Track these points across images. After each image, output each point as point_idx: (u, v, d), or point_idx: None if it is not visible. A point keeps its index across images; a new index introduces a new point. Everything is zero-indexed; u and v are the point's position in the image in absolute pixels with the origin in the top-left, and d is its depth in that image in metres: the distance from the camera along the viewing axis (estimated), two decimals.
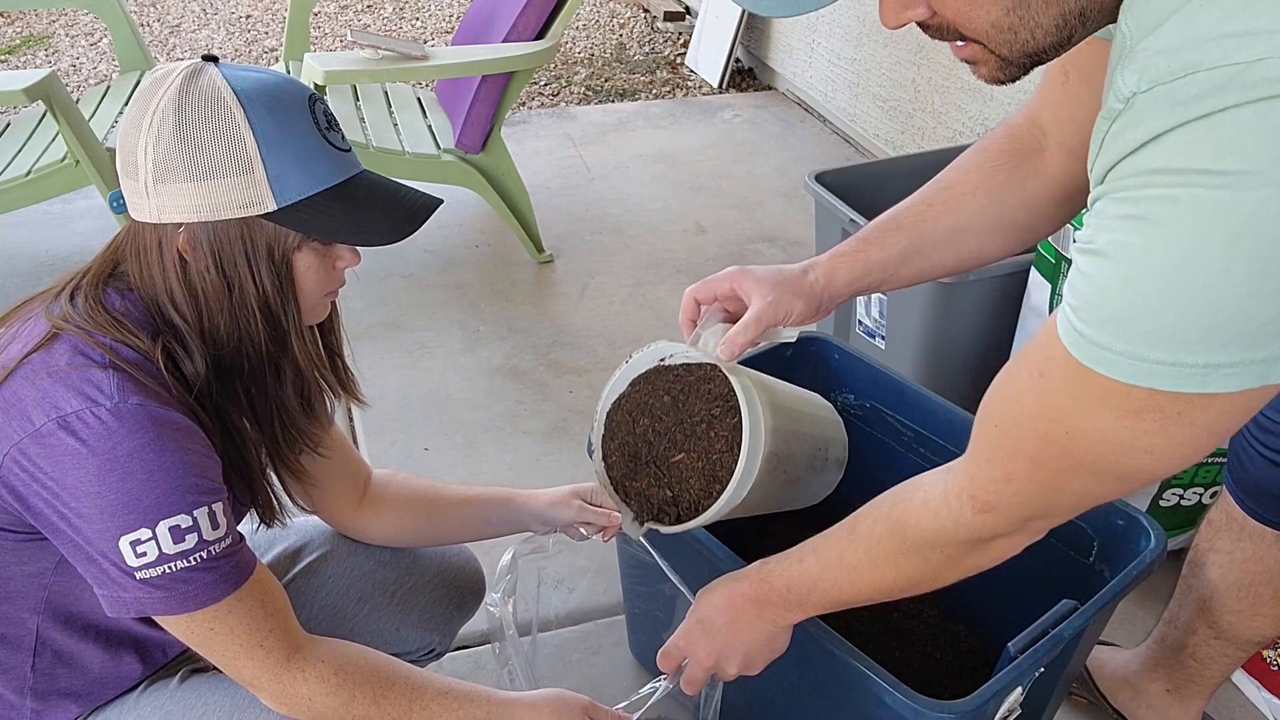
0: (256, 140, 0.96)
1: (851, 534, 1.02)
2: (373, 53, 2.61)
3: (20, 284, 2.78)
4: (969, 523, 0.88)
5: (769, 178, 3.50)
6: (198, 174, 0.95)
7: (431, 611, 1.39)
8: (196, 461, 0.97)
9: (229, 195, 0.97)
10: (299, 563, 1.36)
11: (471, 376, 2.49)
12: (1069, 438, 0.75)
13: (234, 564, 1.00)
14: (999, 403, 0.82)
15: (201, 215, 0.97)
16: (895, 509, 0.97)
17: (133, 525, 0.93)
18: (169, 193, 0.96)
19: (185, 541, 0.95)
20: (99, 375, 0.94)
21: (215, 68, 0.98)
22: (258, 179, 0.97)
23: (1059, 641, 1.16)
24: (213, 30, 4.69)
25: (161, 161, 0.95)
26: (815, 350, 1.68)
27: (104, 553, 0.94)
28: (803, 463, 1.23)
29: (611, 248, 3.07)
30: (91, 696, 1.12)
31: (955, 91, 3.05)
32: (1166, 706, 1.54)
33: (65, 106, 2.44)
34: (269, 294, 1.02)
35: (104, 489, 0.92)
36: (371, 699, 1.05)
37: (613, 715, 1.15)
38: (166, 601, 0.97)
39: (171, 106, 0.95)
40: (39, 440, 0.92)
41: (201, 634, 1.00)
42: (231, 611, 1.00)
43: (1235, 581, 1.37)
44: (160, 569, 0.95)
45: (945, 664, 1.58)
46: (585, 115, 3.94)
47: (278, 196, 0.98)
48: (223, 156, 0.95)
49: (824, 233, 2.31)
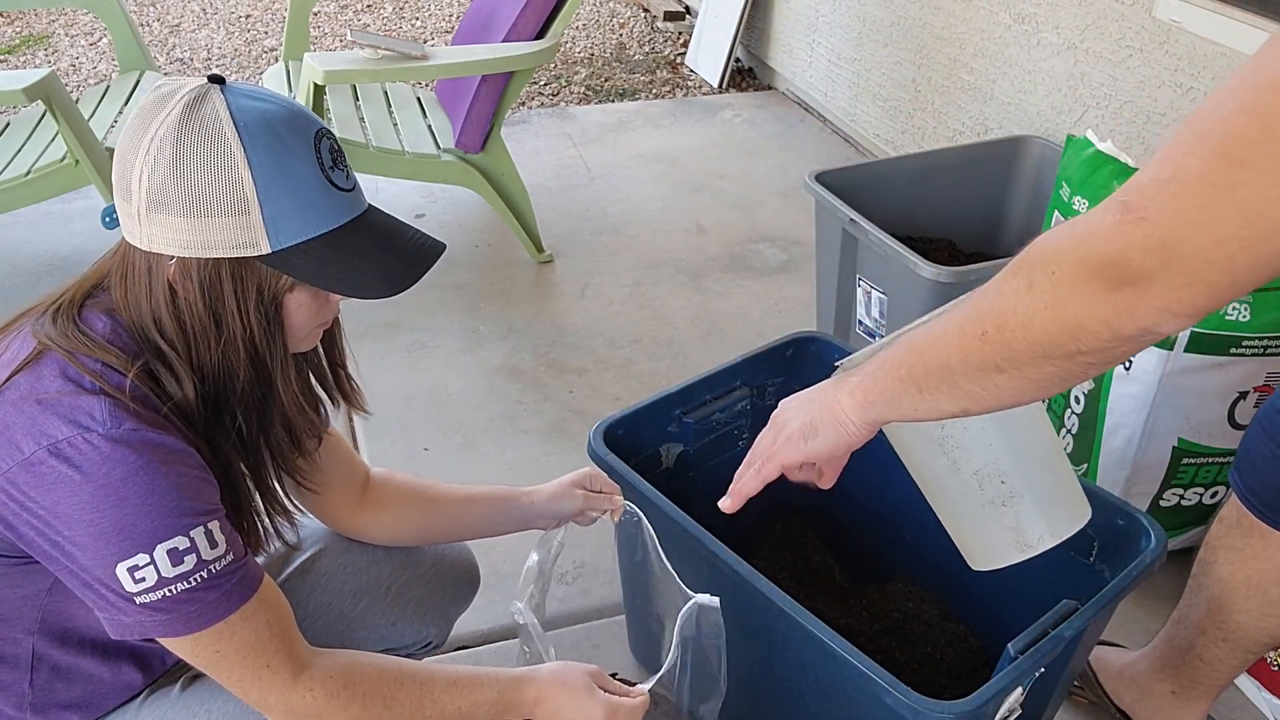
0: (254, 181, 0.93)
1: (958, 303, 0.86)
2: (372, 52, 2.60)
3: (20, 284, 2.77)
4: (1102, 231, 0.70)
5: (769, 178, 3.50)
6: (192, 210, 0.93)
7: (427, 604, 1.39)
8: (190, 484, 0.96)
9: (222, 235, 0.94)
10: (293, 562, 1.35)
11: (471, 376, 2.48)
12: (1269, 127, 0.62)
13: (237, 580, 0.98)
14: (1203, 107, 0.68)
15: (192, 251, 0.95)
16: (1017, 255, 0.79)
17: (129, 551, 0.92)
18: (161, 223, 0.94)
19: (184, 563, 0.94)
20: (90, 401, 0.92)
21: (221, 94, 0.94)
22: (253, 221, 0.94)
23: (1059, 642, 1.16)
24: (212, 30, 4.69)
25: (156, 191, 0.93)
26: (815, 350, 1.68)
27: (101, 580, 0.93)
28: (973, 461, 1.16)
29: (611, 248, 3.07)
30: (92, 707, 1.12)
31: (955, 91, 3.05)
32: (1172, 708, 1.54)
33: (65, 106, 2.44)
34: (255, 334, 0.99)
35: (98, 516, 0.91)
36: (383, 704, 1.05)
37: (618, 685, 1.16)
38: (170, 623, 0.95)
39: (170, 135, 0.92)
40: (29, 469, 0.91)
41: (207, 656, 0.99)
42: (236, 632, 0.98)
43: (1245, 579, 1.37)
44: (161, 592, 0.93)
45: (945, 664, 1.58)
46: (585, 115, 3.94)
47: (273, 240, 0.95)
48: (218, 195, 0.93)
49: (824, 233, 2.31)
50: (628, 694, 1.15)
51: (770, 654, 1.31)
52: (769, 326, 2.70)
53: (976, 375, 0.82)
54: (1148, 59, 2.34)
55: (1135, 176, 0.70)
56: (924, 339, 0.88)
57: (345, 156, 1.02)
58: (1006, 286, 0.77)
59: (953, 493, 1.20)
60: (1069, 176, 1.84)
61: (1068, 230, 0.73)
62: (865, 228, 2.08)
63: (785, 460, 1.04)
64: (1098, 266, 0.70)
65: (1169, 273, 0.67)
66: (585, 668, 1.15)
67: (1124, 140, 2.42)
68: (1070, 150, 1.87)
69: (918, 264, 1.95)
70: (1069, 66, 2.58)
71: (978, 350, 0.80)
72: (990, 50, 2.87)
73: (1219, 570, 1.40)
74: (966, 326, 0.81)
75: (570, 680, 1.13)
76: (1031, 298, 0.75)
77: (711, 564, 1.28)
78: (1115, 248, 0.69)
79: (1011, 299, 0.76)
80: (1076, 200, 1.80)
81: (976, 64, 2.94)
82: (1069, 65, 2.58)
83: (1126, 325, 0.70)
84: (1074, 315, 0.72)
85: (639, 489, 1.38)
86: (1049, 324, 0.74)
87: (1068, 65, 2.59)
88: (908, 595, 1.67)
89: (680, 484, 1.57)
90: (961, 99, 3.03)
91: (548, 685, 1.12)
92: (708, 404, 1.61)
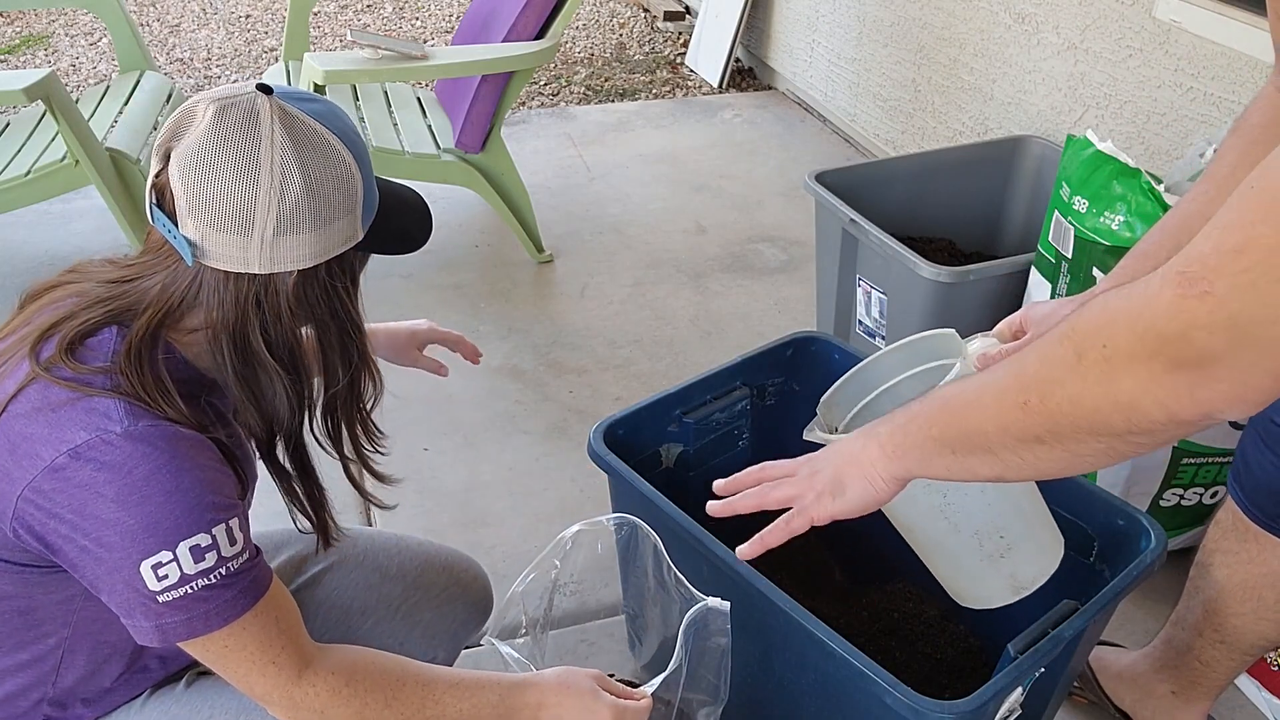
0: (361, 177, 0.99)
1: (998, 366, 0.81)
2: (372, 52, 2.60)
3: (20, 284, 2.74)
4: (1162, 306, 0.64)
5: (769, 178, 3.50)
6: (319, 223, 0.97)
7: (435, 628, 1.38)
8: (211, 478, 0.96)
9: (339, 235, 0.99)
10: (304, 572, 1.35)
11: (471, 376, 2.48)
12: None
13: (251, 579, 0.99)
14: (1265, 167, 0.62)
15: (313, 260, 0.98)
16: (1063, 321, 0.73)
17: (153, 549, 0.92)
18: (289, 244, 0.96)
19: (205, 560, 0.94)
20: (105, 403, 0.93)
21: (283, 103, 0.95)
22: (356, 214, 1.00)
23: (1059, 641, 1.16)
24: (212, 30, 4.69)
25: (289, 216, 0.94)
26: (815, 350, 1.68)
27: (127, 580, 0.93)
28: (973, 522, 1.18)
29: (611, 248, 3.07)
30: (102, 704, 1.12)
31: (955, 91, 3.05)
32: (1171, 708, 1.54)
33: (65, 106, 2.44)
34: (353, 316, 1.07)
35: (123, 514, 0.91)
36: (384, 702, 1.05)
37: (622, 688, 1.15)
38: (189, 624, 0.95)
39: (293, 160, 0.94)
40: (53, 475, 0.91)
41: (216, 651, 0.99)
42: (246, 629, 0.98)
43: (1241, 583, 1.37)
44: (183, 590, 0.94)
45: (945, 664, 1.58)
46: (585, 115, 3.94)
47: (363, 224, 1.02)
48: (340, 201, 0.98)
49: (824, 233, 2.31)
50: (631, 696, 1.15)
51: (770, 654, 1.31)
52: (769, 326, 2.70)
53: (1015, 445, 0.77)
54: (1148, 59, 2.34)
55: (1194, 245, 0.63)
56: (960, 399, 0.83)
57: None
58: (1052, 354, 0.72)
59: (952, 551, 1.21)
60: (1069, 176, 1.84)
61: (1122, 301, 0.67)
62: (865, 228, 2.08)
63: (815, 518, 1.00)
64: (1157, 344, 0.64)
65: (1237, 354, 0.61)
66: (588, 672, 1.15)
67: (1124, 140, 2.42)
68: (1070, 150, 1.87)
69: (918, 264, 1.95)
70: (1069, 66, 2.58)
71: (1018, 420, 0.76)
72: (990, 50, 2.87)
73: (1215, 574, 1.40)
74: (1007, 394, 0.76)
75: (574, 683, 1.12)
76: (1081, 371, 0.69)
77: (711, 564, 1.28)
78: (1177, 325, 0.63)
79: (1058, 369, 0.71)
80: (1076, 200, 1.80)
81: (976, 64, 2.94)
82: (1069, 65, 2.58)
83: (1186, 409, 0.65)
84: (1127, 394, 0.67)
85: (639, 489, 1.37)
86: (1099, 400, 0.69)
87: (1068, 65, 2.59)
88: (908, 595, 1.67)
89: (680, 484, 1.57)
90: (961, 99, 3.03)
91: (551, 689, 1.11)
92: (708, 404, 1.61)
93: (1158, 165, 2.31)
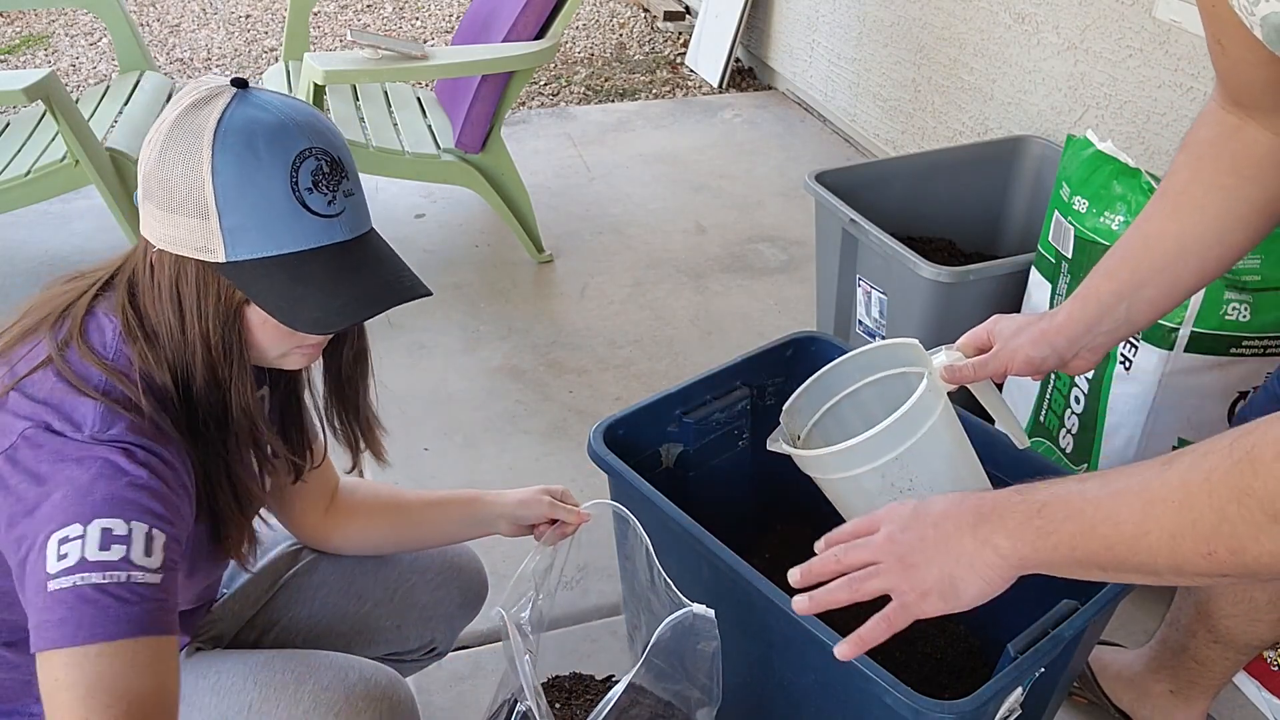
0: (215, 188, 0.92)
1: (1166, 465, 0.76)
2: (372, 52, 2.60)
3: (20, 284, 2.77)
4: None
5: (769, 178, 3.50)
6: (165, 205, 0.95)
7: (432, 611, 1.39)
8: (158, 489, 0.93)
9: (187, 234, 0.95)
10: (300, 560, 1.35)
11: (471, 376, 2.48)
12: None
13: (148, 610, 0.88)
14: None
15: (166, 245, 0.97)
16: (1246, 437, 0.70)
17: (69, 519, 0.87)
18: (149, 211, 0.97)
19: (110, 551, 0.87)
20: (85, 403, 0.94)
21: (229, 98, 0.94)
22: (212, 227, 0.94)
23: (1059, 641, 1.16)
24: (212, 30, 4.69)
25: (146, 179, 0.96)
26: (815, 350, 1.68)
27: (35, 561, 0.87)
28: None
29: (611, 248, 3.07)
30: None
31: (955, 91, 3.05)
32: (1170, 708, 1.54)
33: (65, 106, 2.44)
34: (212, 338, 0.99)
35: (56, 486, 0.89)
36: None
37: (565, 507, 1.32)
38: (61, 626, 0.85)
39: (165, 129, 0.95)
40: (27, 443, 0.92)
41: (51, 679, 0.85)
42: (118, 655, 0.85)
43: (1231, 585, 1.37)
44: (74, 579, 0.85)
45: (945, 664, 1.58)
46: (585, 115, 3.94)
47: (228, 250, 0.94)
48: (184, 195, 0.94)
49: (824, 233, 2.31)
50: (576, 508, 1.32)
51: (770, 654, 1.31)
52: (769, 326, 2.70)
53: (1191, 578, 0.75)
54: (1148, 59, 2.34)
55: None
56: (1108, 522, 0.78)
57: (342, 180, 0.98)
58: (1234, 513, 0.69)
59: None
60: (1069, 176, 1.84)
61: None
62: (865, 228, 2.08)
63: (924, 616, 0.96)
64: None
65: None
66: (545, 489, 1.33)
67: (1124, 140, 2.42)
68: (1070, 150, 1.87)
69: (918, 264, 1.95)
70: (1069, 66, 2.58)
71: (1202, 565, 0.73)
72: (990, 50, 2.87)
73: None
74: (1183, 541, 0.73)
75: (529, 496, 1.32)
76: (1275, 533, 0.67)
77: (711, 564, 1.28)
78: None
79: (1248, 529, 0.69)
80: (1076, 200, 1.80)
81: (976, 64, 2.94)
82: (1069, 65, 2.58)
83: None
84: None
85: (639, 489, 1.37)
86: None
87: (1068, 65, 2.59)
88: None
89: (680, 484, 1.57)
90: (961, 99, 3.03)
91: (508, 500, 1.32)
92: (708, 404, 1.61)
93: (1158, 165, 2.31)
